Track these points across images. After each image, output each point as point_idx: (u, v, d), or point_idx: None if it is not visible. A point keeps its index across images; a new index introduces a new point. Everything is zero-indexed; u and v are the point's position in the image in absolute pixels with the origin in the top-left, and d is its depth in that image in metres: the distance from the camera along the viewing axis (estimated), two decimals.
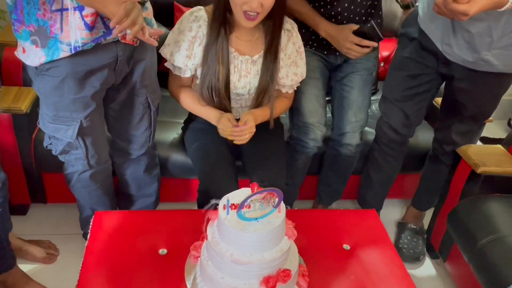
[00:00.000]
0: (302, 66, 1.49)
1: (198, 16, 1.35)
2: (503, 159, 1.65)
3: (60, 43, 1.15)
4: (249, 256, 0.98)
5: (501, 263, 1.38)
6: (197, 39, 1.36)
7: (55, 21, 1.12)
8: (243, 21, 1.29)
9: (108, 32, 1.18)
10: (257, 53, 1.41)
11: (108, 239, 1.22)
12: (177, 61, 1.38)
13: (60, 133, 1.32)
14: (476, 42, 1.38)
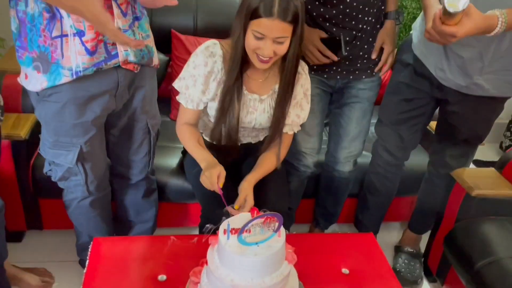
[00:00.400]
0: (306, 110, 1.48)
1: (214, 51, 1.34)
2: (497, 182, 1.67)
3: (61, 69, 1.17)
4: (249, 281, 0.98)
5: (499, 285, 1.38)
6: (212, 74, 1.35)
7: (56, 47, 1.15)
8: (257, 63, 1.29)
9: (109, 57, 1.21)
10: (266, 92, 1.42)
11: (107, 266, 1.22)
12: (193, 95, 1.37)
13: (60, 158, 1.33)
14: (468, 67, 1.42)
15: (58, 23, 1.12)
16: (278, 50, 1.25)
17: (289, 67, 1.33)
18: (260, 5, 1.18)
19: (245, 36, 1.25)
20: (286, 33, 1.22)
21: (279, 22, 1.19)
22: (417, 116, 1.67)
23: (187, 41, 2.06)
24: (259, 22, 1.20)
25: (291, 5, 1.18)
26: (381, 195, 1.87)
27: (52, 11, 1.12)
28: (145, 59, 1.31)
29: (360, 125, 1.71)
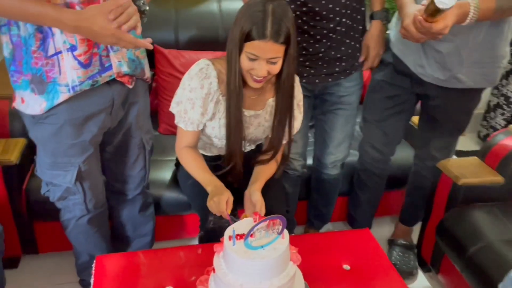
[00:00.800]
0: (299, 120, 1.51)
1: (208, 73, 1.35)
2: (481, 170, 1.74)
3: (58, 86, 1.18)
4: (258, 284, 1.01)
5: (492, 268, 1.44)
6: (209, 95, 1.36)
7: (52, 65, 1.16)
8: (251, 83, 1.31)
9: (103, 69, 1.22)
10: (261, 108, 1.44)
11: (113, 283, 1.22)
12: (193, 118, 1.37)
13: (58, 179, 1.34)
14: (446, 61, 1.49)
15: (51, 41, 1.13)
16: (272, 69, 1.27)
17: (285, 86, 1.35)
18: (253, 28, 1.20)
19: (240, 58, 1.27)
20: (279, 54, 1.25)
21: (272, 44, 1.21)
22: (400, 112, 1.73)
23: (170, 55, 2.08)
24: (253, 44, 1.22)
25: (283, 26, 1.20)
26: (371, 190, 1.93)
27: (44, 31, 1.12)
28: (138, 70, 1.33)
29: (344, 131, 1.76)
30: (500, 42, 1.48)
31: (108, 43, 1.12)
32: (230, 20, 2.21)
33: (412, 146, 2.09)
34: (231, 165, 1.44)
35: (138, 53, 1.33)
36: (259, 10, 1.21)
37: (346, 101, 1.69)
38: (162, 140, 2.00)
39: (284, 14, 1.21)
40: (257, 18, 1.20)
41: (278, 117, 1.41)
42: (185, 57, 2.09)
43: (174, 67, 2.08)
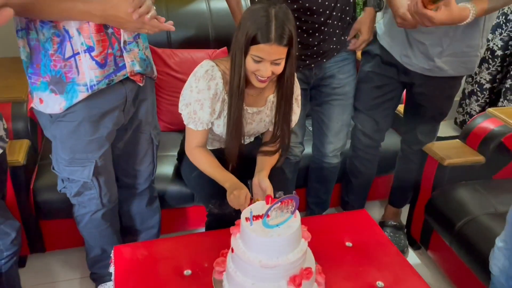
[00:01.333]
0: (297, 113, 1.59)
1: (213, 74, 1.41)
2: (463, 151, 1.88)
3: (77, 86, 1.24)
4: (275, 260, 1.10)
5: (479, 239, 1.58)
6: (216, 96, 1.43)
7: (70, 67, 1.22)
8: (256, 83, 1.38)
9: (118, 68, 1.29)
10: (262, 104, 1.52)
11: (133, 270, 1.29)
12: (203, 118, 1.43)
13: (76, 174, 1.39)
14: (429, 52, 1.61)
15: (69, 44, 1.20)
16: (276, 70, 1.35)
17: (287, 85, 1.43)
18: (258, 33, 1.27)
19: (245, 60, 1.34)
20: (282, 55, 1.33)
21: (276, 47, 1.29)
22: (388, 100, 1.85)
23: (164, 54, 2.14)
24: (258, 47, 1.29)
25: (286, 30, 1.28)
26: (363, 176, 2.05)
27: (61, 34, 1.19)
28: (148, 69, 1.41)
29: (341, 120, 1.86)
30: (477, 33, 1.61)
31: (133, 28, 1.20)
32: (219, 18, 2.32)
33: (398, 133, 2.22)
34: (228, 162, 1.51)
35: (147, 52, 1.40)
36: (263, 15, 1.28)
37: (340, 91, 1.79)
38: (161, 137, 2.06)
39: (286, 17, 1.29)
40: (261, 23, 1.27)
41: (281, 113, 1.49)
42: (179, 56, 2.16)
43: (169, 66, 2.14)
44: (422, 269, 1.99)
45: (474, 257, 1.58)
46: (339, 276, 1.29)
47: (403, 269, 1.34)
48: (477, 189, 1.77)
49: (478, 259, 1.56)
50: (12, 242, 1.36)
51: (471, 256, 1.60)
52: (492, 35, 2.85)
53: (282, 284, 1.12)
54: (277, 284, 1.12)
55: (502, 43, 2.82)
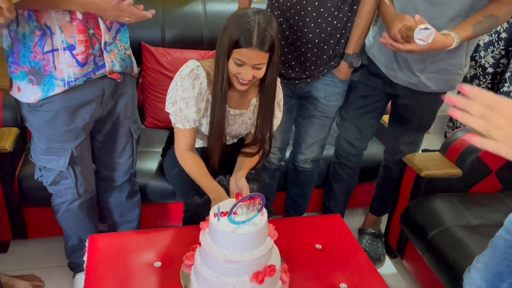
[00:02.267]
0: (279, 118, 1.64)
1: (198, 74, 1.45)
2: (442, 163, 1.92)
3: (55, 79, 1.29)
4: (240, 255, 1.14)
5: (449, 250, 1.61)
6: (201, 95, 1.47)
7: (48, 61, 1.27)
8: (237, 85, 1.43)
9: (97, 68, 1.34)
10: (245, 107, 1.57)
11: (105, 259, 1.33)
12: (189, 116, 1.46)
13: (52, 163, 1.44)
14: (413, 68, 1.66)
15: (49, 39, 1.25)
16: (257, 74, 1.39)
17: (269, 90, 1.47)
18: (240, 37, 1.32)
19: (228, 63, 1.39)
20: (263, 60, 1.37)
21: (258, 52, 1.33)
22: (373, 110, 1.90)
23: (157, 52, 2.19)
24: (240, 51, 1.34)
25: (268, 36, 1.33)
26: (345, 182, 2.09)
27: (43, 29, 1.24)
28: (128, 68, 1.45)
29: (317, 137, 1.92)
30: (461, 52, 1.66)
31: (113, 16, 1.24)
32: (214, 21, 2.37)
33: (382, 142, 2.26)
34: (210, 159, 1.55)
35: (128, 53, 1.44)
36: (246, 20, 1.33)
37: (322, 114, 1.85)
38: (148, 133, 2.11)
39: (269, 24, 1.34)
40: (244, 28, 1.32)
41: (262, 116, 1.53)
42: (171, 55, 2.21)
43: (161, 64, 2.19)
44: (397, 278, 2.02)
45: (443, 267, 1.62)
46: (304, 276, 1.32)
47: (369, 274, 1.37)
48: (452, 201, 1.80)
49: (447, 269, 1.59)
50: None
51: (440, 265, 1.63)
52: (484, 52, 2.90)
53: (245, 279, 1.15)
54: (240, 279, 1.15)
55: (494, 61, 2.87)
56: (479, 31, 1.49)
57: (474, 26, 1.46)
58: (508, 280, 1.22)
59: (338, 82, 1.80)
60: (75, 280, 1.77)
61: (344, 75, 1.77)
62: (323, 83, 1.79)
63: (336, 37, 1.69)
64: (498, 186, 1.92)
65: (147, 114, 2.23)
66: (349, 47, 1.72)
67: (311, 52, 1.70)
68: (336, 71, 1.76)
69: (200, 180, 1.49)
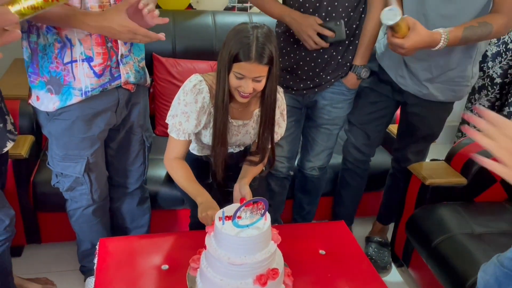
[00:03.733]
0: (283, 127, 1.66)
1: (201, 88, 1.49)
2: (447, 172, 1.93)
3: (72, 89, 1.36)
4: (243, 258, 1.17)
5: (453, 257, 1.62)
6: (203, 109, 1.51)
7: (68, 71, 1.34)
8: (238, 98, 1.46)
9: (113, 79, 1.41)
10: (248, 118, 1.60)
11: (114, 262, 1.37)
12: (187, 129, 1.50)
13: (69, 170, 1.50)
14: (420, 77, 1.70)
15: (69, 51, 1.31)
16: (257, 87, 1.43)
17: (268, 102, 1.50)
18: (240, 52, 1.36)
19: (228, 76, 1.42)
20: (263, 73, 1.41)
21: (257, 65, 1.37)
22: (381, 117, 1.94)
23: (168, 63, 2.26)
24: (240, 65, 1.38)
25: (266, 50, 1.36)
26: (352, 189, 2.12)
27: (63, 41, 1.30)
28: (141, 80, 1.52)
29: (324, 146, 1.95)
30: (469, 65, 1.69)
31: (126, 39, 1.30)
32: (223, 32, 2.44)
33: (389, 151, 2.29)
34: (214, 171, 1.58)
35: (142, 64, 1.51)
36: (245, 35, 1.36)
37: (330, 123, 1.88)
38: (159, 141, 2.16)
39: (267, 39, 1.37)
40: (243, 43, 1.36)
41: (263, 127, 1.56)
42: (181, 66, 2.27)
43: (171, 74, 2.25)
44: (402, 286, 2.03)
45: (447, 275, 1.63)
46: (307, 280, 1.35)
47: (372, 281, 1.39)
48: (457, 210, 1.82)
49: (451, 277, 1.60)
50: (5, 229, 1.46)
51: (444, 273, 1.64)
52: (492, 63, 2.91)
53: (248, 282, 1.19)
54: (244, 282, 1.19)
55: (502, 71, 2.88)
56: (470, 35, 1.49)
57: (465, 29, 1.47)
58: None
59: (346, 91, 1.83)
60: (86, 284, 1.82)
61: (352, 85, 1.81)
62: (331, 92, 1.82)
63: (345, 43, 1.73)
64: (503, 195, 1.93)
65: (158, 122, 2.29)
66: (356, 58, 1.76)
67: (322, 57, 1.73)
68: (344, 80, 1.80)
69: (186, 185, 1.52)
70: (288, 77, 1.80)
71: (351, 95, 1.86)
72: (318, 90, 1.82)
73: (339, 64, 1.77)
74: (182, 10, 2.49)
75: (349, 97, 1.86)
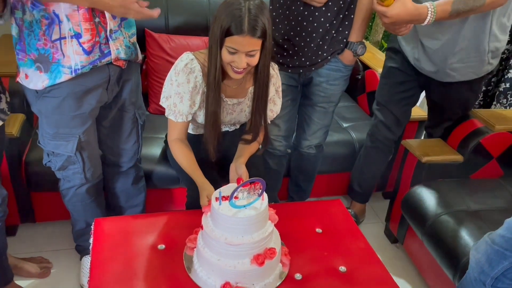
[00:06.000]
0: (278, 105, 1.65)
1: (192, 68, 1.46)
2: (443, 150, 1.93)
3: (62, 67, 1.31)
4: (241, 238, 1.17)
5: (449, 235, 1.63)
6: (196, 88, 1.48)
7: (56, 49, 1.29)
8: (232, 74, 1.43)
9: (103, 55, 1.36)
10: (243, 96, 1.57)
11: (110, 241, 1.36)
12: (182, 110, 1.49)
13: (60, 148, 1.47)
14: (434, 57, 1.68)
15: (57, 27, 1.26)
16: (251, 61, 1.39)
17: (261, 77, 1.47)
18: (231, 25, 1.31)
19: (221, 52, 1.39)
20: (256, 47, 1.37)
21: (250, 38, 1.33)
22: (408, 97, 1.94)
23: (160, 38, 2.20)
24: (232, 39, 1.34)
25: (259, 22, 1.32)
26: (377, 165, 2.12)
27: (50, 17, 1.25)
28: (133, 56, 1.47)
29: (320, 124, 1.94)
30: (485, 39, 1.63)
31: (119, 13, 1.26)
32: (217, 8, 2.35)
33: None
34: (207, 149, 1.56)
35: (133, 40, 1.46)
36: (237, 7, 1.32)
37: (325, 100, 1.86)
38: (152, 119, 2.13)
39: (260, 11, 1.33)
40: (235, 15, 1.31)
41: (256, 103, 1.54)
42: (175, 42, 2.22)
43: (164, 50, 2.20)
44: (396, 262, 2.05)
45: (443, 251, 1.64)
46: (304, 258, 1.35)
47: (368, 258, 1.40)
48: (452, 187, 1.82)
49: (447, 254, 1.62)
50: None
51: (440, 250, 1.65)
52: None
53: (246, 261, 1.19)
54: (241, 261, 1.19)
55: None
56: (462, 8, 1.44)
57: (455, 2, 1.43)
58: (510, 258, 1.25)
59: (342, 67, 1.80)
60: (82, 262, 1.81)
61: (349, 62, 1.78)
62: (327, 68, 1.79)
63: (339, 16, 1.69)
64: (499, 172, 1.93)
65: (151, 100, 2.25)
66: (352, 34, 1.73)
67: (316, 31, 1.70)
68: (341, 57, 1.77)
69: (187, 167, 1.52)
70: (285, 54, 1.76)
71: (348, 72, 1.84)
72: (315, 68, 1.78)
73: (334, 39, 1.73)
74: None
75: (345, 74, 1.83)
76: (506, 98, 2.67)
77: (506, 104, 2.63)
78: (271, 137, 1.90)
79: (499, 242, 1.28)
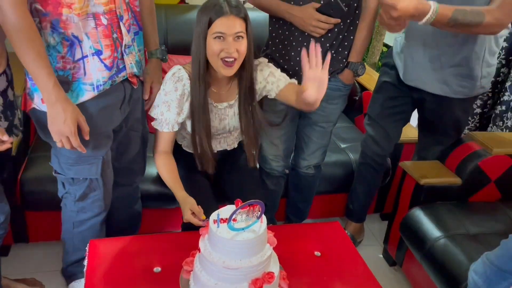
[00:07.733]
0: (279, 75, 1.59)
1: (180, 76, 1.47)
2: (441, 172, 1.92)
3: (83, 85, 1.30)
4: (239, 262, 1.15)
5: (449, 259, 1.61)
6: (184, 96, 1.49)
7: (79, 68, 1.29)
8: (222, 69, 1.42)
9: (119, 70, 1.37)
10: (233, 98, 1.58)
11: (105, 263, 1.34)
12: (168, 119, 1.49)
13: (83, 173, 1.42)
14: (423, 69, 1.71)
15: (78, 47, 1.26)
16: (239, 47, 1.39)
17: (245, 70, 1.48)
18: (212, 14, 1.36)
19: (207, 46, 1.39)
20: (242, 28, 1.39)
21: (234, 18, 1.36)
22: (399, 113, 1.94)
23: None
24: (216, 24, 1.36)
25: (240, 4, 1.38)
26: (368, 183, 2.11)
27: (70, 39, 1.25)
28: (141, 71, 1.49)
29: (319, 144, 1.94)
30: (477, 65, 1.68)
31: None
32: None
33: None
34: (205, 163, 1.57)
35: (141, 55, 1.48)
36: (213, 1, 1.38)
37: (324, 120, 1.86)
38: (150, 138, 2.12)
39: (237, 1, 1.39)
40: (213, 4, 1.37)
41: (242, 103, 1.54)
42: (174, 61, 2.22)
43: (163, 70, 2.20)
44: (395, 285, 2.03)
45: (442, 275, 1.62)
46: (303, 283, 1.33)
47: (367, 281, 1.38)
48: (451, 210, 1.81)
49: (446, 277, 1.60)
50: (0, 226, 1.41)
51: (439, 274, 1.63)
52: None
53: (244, 285, 1.16)
54: (240, 286, 1.16)
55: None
56: (460, 18, 1.44)
57: (456, 10, 1.44)
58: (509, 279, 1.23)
59: (342, 87, 1.81)
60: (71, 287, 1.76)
61: (348, 81, 1.79)
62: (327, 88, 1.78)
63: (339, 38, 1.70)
64: (497, 195, 1.93)
65: (148, 119, 2.23)
66: (353, 55, 1.74)
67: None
68: (341, 76, 1.78)
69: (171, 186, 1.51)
70: None
71: (347, 91, 1.85)
72: None
73: (334, 60, 1.73)
74: (175, 4, 2.45)
75: (344, 93, 1.84)
76: (503, 121, 2.69)
77: (502, 127, 2.64)
78: (269, 157, 1.90)
79: (497, 262, 1.27)
